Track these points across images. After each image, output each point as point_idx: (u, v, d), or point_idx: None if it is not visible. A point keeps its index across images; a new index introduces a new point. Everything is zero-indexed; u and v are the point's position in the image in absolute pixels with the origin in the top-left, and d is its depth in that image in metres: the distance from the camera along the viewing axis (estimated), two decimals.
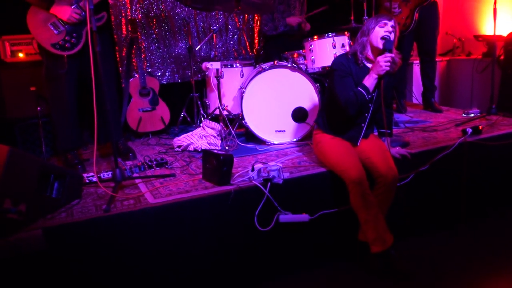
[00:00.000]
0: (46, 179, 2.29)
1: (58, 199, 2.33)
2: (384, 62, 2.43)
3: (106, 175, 2.78)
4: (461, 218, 3.03)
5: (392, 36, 2.50)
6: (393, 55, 2.46)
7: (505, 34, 4.57)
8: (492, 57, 4.03)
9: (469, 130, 3.11)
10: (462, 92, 5.30)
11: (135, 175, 2.85)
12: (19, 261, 2.02)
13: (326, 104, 2.78)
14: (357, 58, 2.58)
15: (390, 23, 2.51)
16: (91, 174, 2.77)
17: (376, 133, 2.86)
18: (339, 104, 2.54)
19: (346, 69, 2.57)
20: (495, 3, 3.69)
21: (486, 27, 5.24)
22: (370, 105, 2.61)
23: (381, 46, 2.49)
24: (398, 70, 2.61)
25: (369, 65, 2.59)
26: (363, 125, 2.68)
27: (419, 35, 4.18)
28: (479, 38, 5.09)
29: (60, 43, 2.92)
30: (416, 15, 3.97)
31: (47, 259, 2.07)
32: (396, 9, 3.97)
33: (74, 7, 2.90)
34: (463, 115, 3.95)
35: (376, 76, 2.48)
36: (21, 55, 3.67)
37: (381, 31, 2.49)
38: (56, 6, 2.86)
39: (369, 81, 2.50)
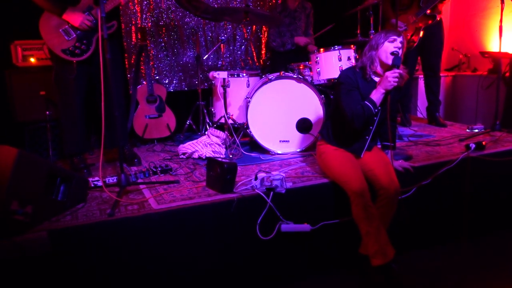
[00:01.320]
0: (53, 182, 2.33)
1: (64, 202, 2.36)
2: (392, 77, 2.46)
3: (111, 180, 2.82)
4: (463, 233, 3.03)
5: (400, 52, 2.53)
6: (401, 71, 2.49)
7: (511, 51, 4.60)
8: (497, 74, 4.06)
9: (473, 146, 3.13)
10: (467, 107, 5.31)
11: (139, 180, 2.89)
12: (24, 262, 2.05)
13: (331, 116, 2.81)
14: (365, 72, 2.61)
15: (399, 39, 2.54)
16: (97, 178, 2.80)
17: (379, 146, 2.88)
18: (346, 117, 2.57)
19: (353, 82, 2.60)
20: (501, 20, 3.72)
21: (492, 44, 5.27)
22: (375, 118, 2.64)
23: (390, 62, 2.52)
24: (404, 85, 2.64)
25: (376, 79, 2.62)
26: (367, 137, 2.70)
27: (423, 51, 4.24)
28: (485, 54, 5.11)
29: (70, 49, 2.99)
30: (421, 33, 4.03)
31: (51, 261, 2.10)
32: (402, 27, 4.02)
33: (86, 14, 2.97)
34: (467, 130, 3.97)
35: (383, 91, 2.51)
36: (32, 59, 3.74)
37: (390, 46, 2.53)
38: (68, 13, 2.93)
39: (376, 96, 2.52)
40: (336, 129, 2.75)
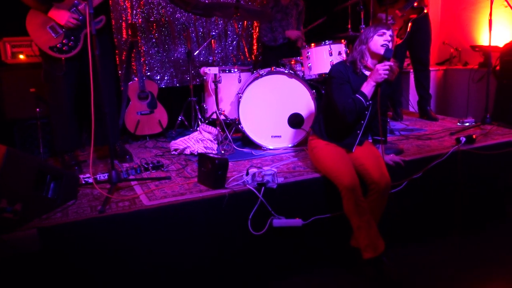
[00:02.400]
0: (43, 179, 2.32)
1: (54, 199, 2.35)
2: (383, 70, 2.47)
3: (102, 176, 2.80)
4: (455, 226, 3.05)
5: (390, 45, 2.54)
6: (391, 63, 2.50)
7: (501, 44, 4.62)
8: (487, 67, 4.07)
9: (463, 139, 3.14)
10: (458, 101, 5.34)
11: (131, 177, 2.88)
12: (14, 261, 2.04)
13: (323, 110, 2.81)
14: (356, 66, 2.62)
15: (389, 32, 2.55)
16: (88, 175, 2.79)
17: (370, 140, 2.89)
18: (337, 111, 2.57)
19: (344, 76, 2.61)
20: (490, 14, 3.73)
21: (483, 38, 5.29)
22: (366, 112, 2.65)
23: (381, 52, 2.52)
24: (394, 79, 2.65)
25: (367, 73, 2.62)
26: (358, 132, 2.71)
27: (412, 45, 4.26)
28: (475, 48, 5.14)
29: (58, 46, 2.96)
30: (409, 27, 4.04)
31: (41, 258, 2.09)
32: (390, 20, 4.03)
33: (72, 11, 2.94)
34: (458, 124, 3.99)
35: (374, 84, 2.52)
36: (21, 56, 3.71)
37: (380, 39, 2.54)
38: (54, 10, 2.90)
39: (367, 88, 2.53)
40: (328, 124, 2.76)
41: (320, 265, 2.70)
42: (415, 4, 3.99)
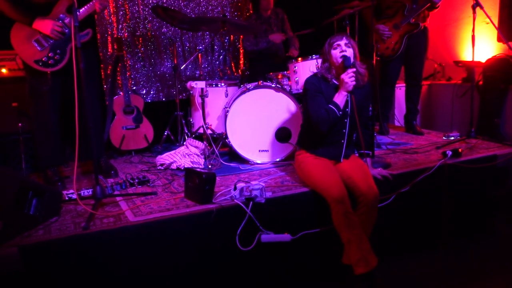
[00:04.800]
0: (24, 196, 2.25)
1: (36, 216, 2.28)
2: (348, 78, 2.53)
3: (87, 192, 2.74)
4: (442, 239, 3.05)
5: (349, 51, 2.62)
6: (354, 69, 2.57)
7: (483, 60, 4.71)
8: (471, 82, 4.14)
9: (449, 153, 3.16)
10: (442, 115, 5.40)
11: (116, 192, 2.82)
12: None
13: (305, 124, 2.84)
14: (326, 78, 2.70)
15: (343, 42, 2.63)
16: (71, 191, 2.73)
17: (357, 154, 2.89)
18: (312, 122, 2.63)
19: (317, 88, 2.68)
20: (473, 30, 3.80)
21: (466, 53, 5.39)
22: (346, 120, 2.68)
23: (342, 65, 2.59)
24: (382, 94, 2.68)
25: (337, 83, 2.67)
26: (342, 141, 2.73)
27: (407, 59, 4.27)
28: (458, 63, 5.22)
29: (43, 59, 2.91)
30: (405, 41, 4.08)
31: (22, 278, 2.02)
32: (386, 33, 4.07)
33: (56, 21, 2.90)
34: (444, 138, 4.03)
35: (345, 93, 2.58)
36: (4, 70, 3.64)
37: (336, 52, 2.63)
38: (38, 21, 2.86)
39: (339, 98, 2.59)
40: (311, 137, 2.77)
41: (310, 282, 2.67)
42: (412, 20, 4.04)
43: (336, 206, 2.41)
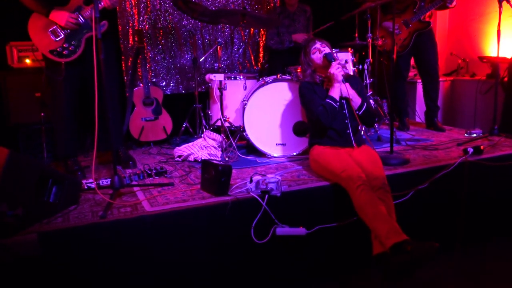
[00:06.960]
0: (45, 184, 2.30)
1: (55, 204, 2.33)
2: (335, 70, 2.75)
3: (105, 182, 2.78)
4: (458, 239, 2.99)
5: (326, 49, 2.88)
6: (338, 61, 2.80)
7: (509, 56, 4.59)
8: (495, 79, 4.03)
9: (471, 150, 3.10)
10: (465, 112, 5.29)
11: (134, 183, 2.86)
12: (13, 265, 2.01)
13: (310, 124, 3.06)
14: (315, 81, 2.94)
15: (318, 45, 2.90)
16: (90, 180, 2.77)
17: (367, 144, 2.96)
18: (314, 118, 2.81)
19: (311, 89, 2.92)
20: (499, 25, 3.70)
21: (491, 49, 5.25)
22: (344, 111, 2.85)
23: (326, 62, 2.84)
24: (395, 87, 2.70)
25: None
26: (348, 131, 2.85)
27: (418, 57, 4.27)
28: (483, 59, 5.10)
29: (58, 49, 2.95)
30: (414, 38, 4.05)
31: (41, 263, 2.06)
32: (396, 30, 4.02)
33: (72, 13, 2.94)
34: (466, 135, 3.95)
35: (338, 85, 2.78)
36: (27, 61, 3.72)
37: (317, 55, 2.89)
38: (54, 12, 2.90)
39: (333, 91, 2.80)
40: (320, 133, 2.90)
41: (325, 276, 2.65)
42: (422, 17, 3.98)
43: (356, 184, 2.39)
